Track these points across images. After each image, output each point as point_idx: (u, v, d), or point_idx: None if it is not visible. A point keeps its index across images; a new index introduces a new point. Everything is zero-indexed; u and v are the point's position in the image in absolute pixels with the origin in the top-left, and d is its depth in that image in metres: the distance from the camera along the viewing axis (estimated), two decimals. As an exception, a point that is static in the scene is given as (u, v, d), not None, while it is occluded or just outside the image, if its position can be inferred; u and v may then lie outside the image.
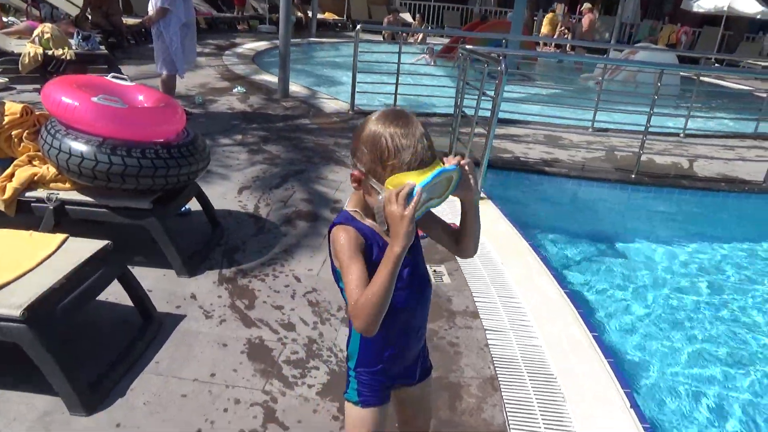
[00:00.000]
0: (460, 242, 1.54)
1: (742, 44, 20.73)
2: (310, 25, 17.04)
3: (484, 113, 5.07)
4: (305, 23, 17.36)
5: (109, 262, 2.69)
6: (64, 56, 7.55)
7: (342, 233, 1.39)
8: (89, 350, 2.63)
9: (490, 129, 4.82)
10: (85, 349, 2.62)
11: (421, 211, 1.29)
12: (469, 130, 5.26)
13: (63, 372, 2.24)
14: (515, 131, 7.31)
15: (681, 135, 7.80)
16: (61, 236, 2.66)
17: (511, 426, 2.41)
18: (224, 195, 4.59)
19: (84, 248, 2.61)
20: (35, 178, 3.27)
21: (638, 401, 2.67)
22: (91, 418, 2.28)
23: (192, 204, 3.95)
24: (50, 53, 7.44)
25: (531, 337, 3.05)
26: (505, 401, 2.56)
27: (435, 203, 1.34)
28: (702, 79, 9.38)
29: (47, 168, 3.30)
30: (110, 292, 2.79)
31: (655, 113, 6.04)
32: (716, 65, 16.75)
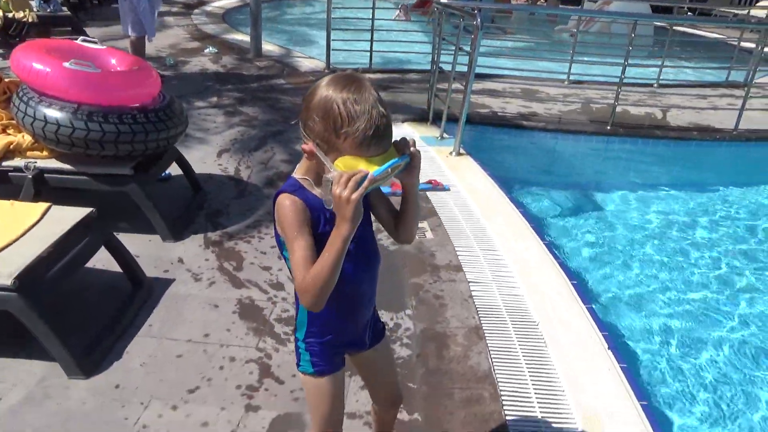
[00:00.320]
0: (399, 226, 1.51)
1: (715, -8, 20.70)
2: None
3: (461, 68, 5.07)
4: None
5: (95, 229, 2.69)
6: (26, 19, 7.28)
7: (288, 203, 1.33)
8: (81, 316, 2.66)
9: (468, 85, 4.83)
10: (78, 316, 2.66)
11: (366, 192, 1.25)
12: (447, 86, 5.25)
13: (58, 337, 2.28)
14: (492, 86, 7.32)
15: (655, 85, 7.89)
16: (44, 205, 2.65)
17: (497, 371, 2.53)
18: (203, 159, 4.56)
19: (68, 216, 2.60)
20: (11, 147, 3.22)
21: (615, 344, 2.80)
22: (90, 381, 2.33)
23: (172, 169, 3.93)
24: (11, 16, 7.17)
25: (513, 287, 3.15)
26: (490, 348, 2.67)
27: (378, 185, 1.31)
28: (675, 29, 9.41)
29: (23, 136, 3.25)
30: (97, 259, 2.80)
31: (630, 64, 6.08)
32: (689, 14, 16.77)
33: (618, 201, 5.06)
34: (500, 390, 2.42)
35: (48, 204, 2.67)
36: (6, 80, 3.55)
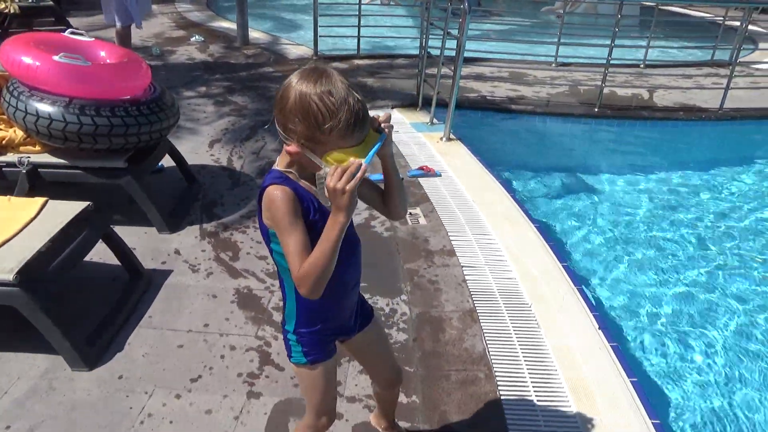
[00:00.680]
0: (387, 200, 1.53)
1: (700, -30, 20.69)
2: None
3: (449, 53, 5.09)
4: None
5: (92, 223, 2.72)
6: (7, 9, 7.14)
7: (279, 194, 1.33)
8: (82, 309, 2.70)
9: (456, 69, 4.85)
10: (79, 309, 2.69)
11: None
12: (435, 71, 5.27)
13: (60, 330, 2.31)
14: (480, 70, 7.34)
15: (641, 66, 7.94)
16: (41, 200, 2.67)
17: (491, 352, 2.60)
18: (195, 150, 4.57)
19: (66, 210, 2.62)
20: (3, 142, 3.21)
21: (606, 323, 2.89)
22: (94, 373, 2.37)
23: (165, 161, 3.94)
24: (-8, 8, 7.04)
25: (506, 271, 3.22)
26: (484, 331, 2.74)
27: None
28: (661, 8, 9.45)
29: (14, 131, 3.24)
30: (95, 252, 2.82)
31: (616, 45, 6.13)
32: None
33: (607, 182, 5.14)
34: (495, 371, 2.49)
35: (45, 199, 2.68)
36: (-6, 75, 3.52)
